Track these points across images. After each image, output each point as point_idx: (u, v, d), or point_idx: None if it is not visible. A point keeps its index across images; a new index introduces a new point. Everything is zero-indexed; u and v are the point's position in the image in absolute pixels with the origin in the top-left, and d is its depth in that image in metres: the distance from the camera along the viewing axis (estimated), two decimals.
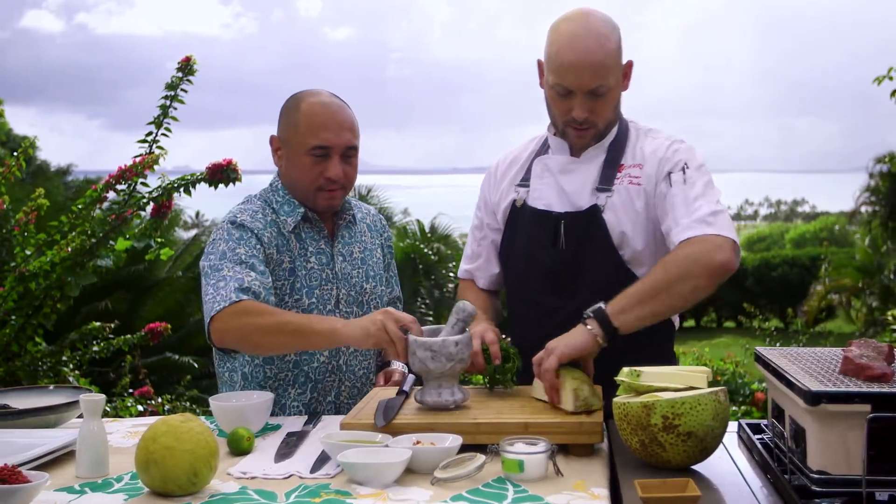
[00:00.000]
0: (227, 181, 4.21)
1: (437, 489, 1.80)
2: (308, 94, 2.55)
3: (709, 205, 2.33)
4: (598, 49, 2.38)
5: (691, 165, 2.42)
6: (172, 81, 4.31)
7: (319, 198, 2.53)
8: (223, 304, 2.30)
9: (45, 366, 4.49)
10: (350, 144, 2.51)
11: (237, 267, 2.38)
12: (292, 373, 2.53)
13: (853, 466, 1.61)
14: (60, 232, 4.22)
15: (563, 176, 2.52)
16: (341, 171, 2.50)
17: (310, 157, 2.49)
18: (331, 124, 2.49)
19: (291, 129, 2.52)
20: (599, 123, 2.45)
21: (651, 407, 1.81)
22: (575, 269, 2.46)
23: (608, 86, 2.40)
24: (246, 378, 2.54)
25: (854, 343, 1.78)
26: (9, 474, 1.67)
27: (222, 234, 2.48)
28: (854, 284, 17.51)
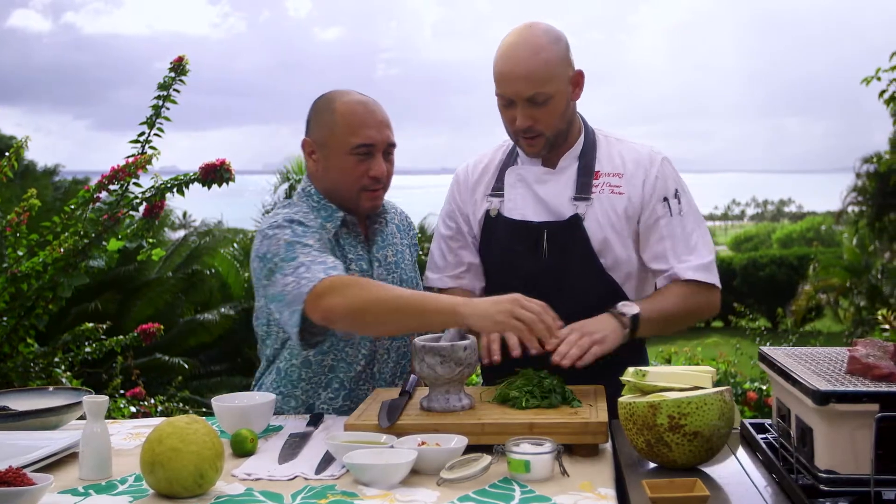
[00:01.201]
0: (220, 181, 4.20)
1: (443, 490, 1.80)
2: (340, 94, 2.47)
3: (706, 246, 2.53)
4: (532, 58, 2.40)
5: (680, 189, 2.55)
6: (165, 81, 4.30)
7: (363, 199, 2.45)
8: (312, 284, 2.16)
9: (37, 367, 4.47)
10: (391, 141, 2.45)
11: (314, 252, 2.26)
12: (326, 377, 2.47)
13: (861, 466, 1.61)
14: (53, 232, 4.20)
15: (540, 186, 2.54)
16: (384, 169, 2.44)
17: (353, 157, 2.41)
18: (371, 121, 2.42)
19: (328, 130, 2.43)
20: (546, 132, 2.46)
21: (657, 407, 1.82)
22: (556, 276, 2.50)
23: (547, 94, 2.41)
24: (279, 373, 2.49)
25: (860, 342, 1.78)
26: (14, 476, 1.66)
27: (281, 231, 2.32)
28: (842, 284, 17.60)
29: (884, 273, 16.83)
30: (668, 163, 2.56)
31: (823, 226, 32.37)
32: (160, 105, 4.28)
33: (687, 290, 2.47)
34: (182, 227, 20.75)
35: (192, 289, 11.22)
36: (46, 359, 4.53)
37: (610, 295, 2.46)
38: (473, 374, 2.19)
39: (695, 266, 2.47)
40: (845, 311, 18.04)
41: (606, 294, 2.47)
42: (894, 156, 12.26)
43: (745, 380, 7.52)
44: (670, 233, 2.49)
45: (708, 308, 2.53)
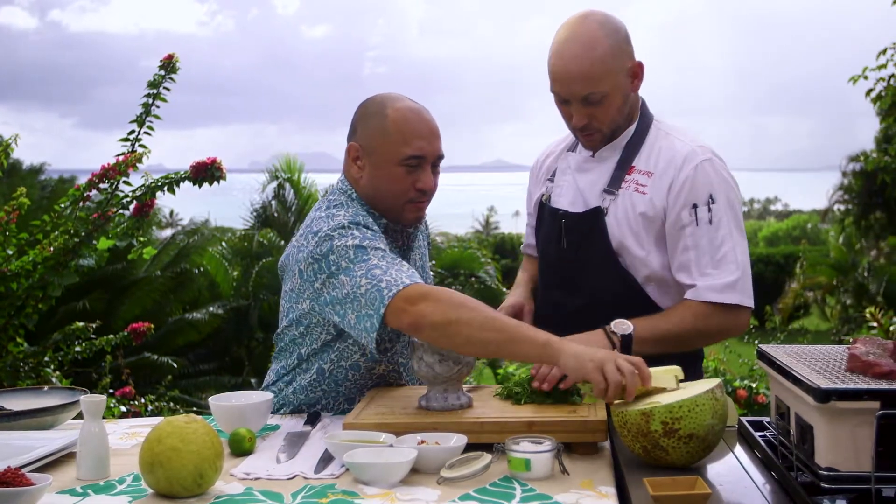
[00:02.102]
0: (211, 180, 4.19)
1: (444, 489, 1.79)
2: (392, 100, 2.37)
3: (736, 259, 2.34)
4: (585, 55, 2.33)
5: (718, 196, 2.37)
6: (155, 79, 4.28)
7: (408, 210, 2.36)
8: (399, 286, 2.08)
9: (27, 366, 4.45)
10: (441, 153, 2.36)
11: (388, 256, 2.17)
12: (356, 386, 2.40)
13: (862, 463, 1.61)
14: (42, 231, 4.18)
15: (580, 174, 2.53)
16: (432, 181, 2.35)
17: (402, 168, 2.31)
18: (425, 132, 2.32)
19: (379, 137, 2.32)
20: (604, 128, 2.43)
21: (649, 414, 1.81)
22: (575, 268, 2.49)
23: (602, 92, 2.35)
24: (322, 373, 2.37)
25: (859, 340, 1.79)
26: (12, 476, 1.65)
27: (347, 232, 2.20)
28: (828, 282, 17.69)
29: (870, 271, 16.92)
30: (710, 165, 2.38)
31: (809, 224, 32.53)
32: (150, 103, 4.26)
33: (703, 310, 2.34)
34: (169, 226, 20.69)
35: (180, 288, 11.18)
36: (36, 358, 4.51)
37: (630, 293, 2.41)
38: (471, 372, 2.19)
39: (717, 286, 2.33)
40: (832, 308, 18.13)
41: (626, 292, 2.41)
42: (881, 154, 12.31)
43: (735, 377, 7.55)
44: (695, 243, 2.35)
45: (733, 328, 2.39)
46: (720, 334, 2.41)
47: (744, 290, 2.35)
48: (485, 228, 38.53)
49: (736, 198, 2.42)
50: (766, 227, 37.74)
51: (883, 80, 10.51)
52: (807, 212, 39.45)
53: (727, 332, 2.41)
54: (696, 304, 2.35)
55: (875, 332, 6.86)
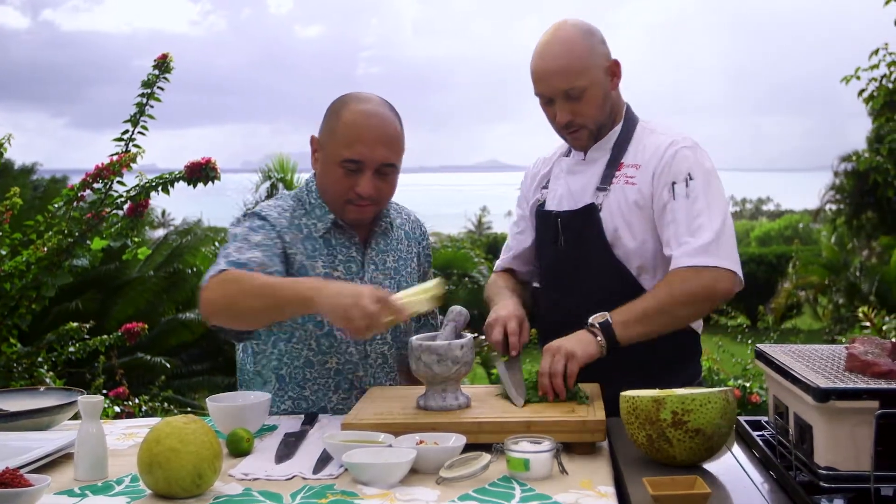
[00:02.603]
0: (206, 180, 4.18)
1: (443, 489, 1.79)
2: (354, 100, 2.43)
3: (711, 226, 2.37)
4: (564, 53, 2.46)
5: (696, 175, 2.44)
6: (149, 79, 4.27)
7: (348, 210, 2.43)
8: (209, 275, 2.21)
9: (20, 367, 4.44)
10: (385, 161, 2.38)
11: (243, 246, 2.30)
12: (334, 380, 2.45)
13: (861, 462, 1.62)
14: (36, 231, 4.17)
15: (571, 177, 2.60)
16: (372, 187, 2.38)
17: (342, 169, 2.38)
18: (367, 138, 2.36)
19: (329, 135, 2.41)
20: (588, 124, 2.51)
21: (661, 402, 1.82)
22: (573, 265, 2.53)
23: (582, 87, 2.45)
24: (282, 380, 2.45)
25: (857, 340, 1.80)
26: (11, 477, 1.64)
27: (243, 222, 2.41)
28: (821, 282, 17.72)
29: (862, 271, 16.94)
30: (690, 151, 2.47)
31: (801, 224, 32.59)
32: (144, 103, 4.25)
33: (678, 277, 2.35)
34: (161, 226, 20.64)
35: (173, 288, 11.14)
36: (30, 359, 4.49)
37: (625, 286, 2.46)
38: (470, 372, 2.19)
39: (690, 250, 2.35)
40: (824, 308, 18.16)
41: (621, 285, 2.46)
42: (873, 154, 12.33)
43: (729, 377, 7.56)
44: (674, 217, 2.41)
45: (712, 290, 2.34)
46: (703, 297, 2.35)
47: (718, 252, 2.35)
48: (477, 228, 38.54)
49: (714, 178, 2.47)
50: (757, 227, 37.80)
51: (875, 81, 10.54)
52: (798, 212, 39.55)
53: (709, 295, 2.35)
54: (674, 273, 2.37)
55: (868, 331, 6.88)
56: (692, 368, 2.60)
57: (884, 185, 12.02)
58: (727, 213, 2.46)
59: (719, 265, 2.34)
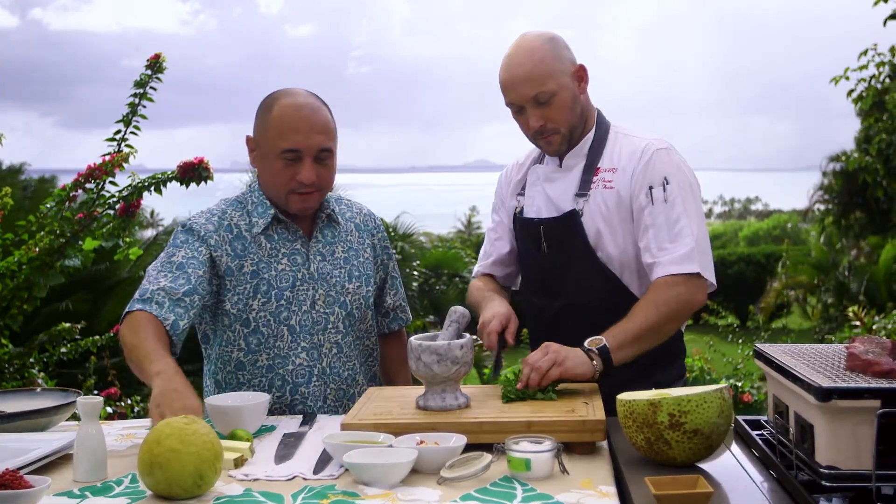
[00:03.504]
0: (198, 180, 4.17)
1: (445, 489, 1.79)
2: (282, 95, 2.51)
3: (691, 232, 2.42)
4: (527, 60, 2.49)
5: (672, 178, 2.48)
6: (141, 79, 4.26)
7: (292, 201, 2.50)
8: (128, 308, 2.33)
9: (12, 368, 4.41)
10: (322, 147, 2.47)
11: (161, 273, 2.38)
12: (266, 377, 2.51)
13: (863, 461, 1.62)
14: (28, 231, 4.15)
15: (549, 184, 2.62)
16: (314, 173, 2.47)
17: (281, 161, 2.46)
18: (302, 127, 2.45)
19: (263, 131, 2.49)
20: (561, 128, 2.54)
21: (657, 405, 1.82)
22: (558, 271, 2.56)
23: (550, 91, 2.48)
24: (219, 385, 2.54)
25: (857, 339, 1.80)
26: (11, 479, 1.63)
27: (172, 236, 2.50)
28: (810, 281, 17.78)
29: (850, 270, 17.03)
30: (666, 153, 2.51)
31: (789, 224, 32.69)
32: (137, 103, 4.24)
33: (662, 294, 2.39)
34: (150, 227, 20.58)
35: None
36: (21, 359, 4.47)
37: (610, 288, 2.51)
38: (469, 372, 2.19)
39: (675, 258, 2.40)
40: (813, 307, 18.23)
41: (607, 287, 2.51)
42: (862, 155, 12.39)
43: (721, 377, 7.57)
44: (653, 222, 2.45)
45: (694, 304, 2.44)
46: (687, 308, 2.42)
47: (700, 260, 2.41)
48: (467, 228, 38.52)
49: (691, 181, 2.52)
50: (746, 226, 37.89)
51: (864, 81, 10.59)
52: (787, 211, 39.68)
53: (689, 310, 2.44)
54: (658, 288, 2.40)
55: (858, 330, 6.90)
56: (678, 365, 2.64)
57: (873, 185, 12.08)
58: (702, 216, 2.52)
59: (700, 272, 2.41)
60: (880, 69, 10.44)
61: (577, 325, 2.40)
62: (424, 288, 15.10)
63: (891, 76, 10.60)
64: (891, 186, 12.08)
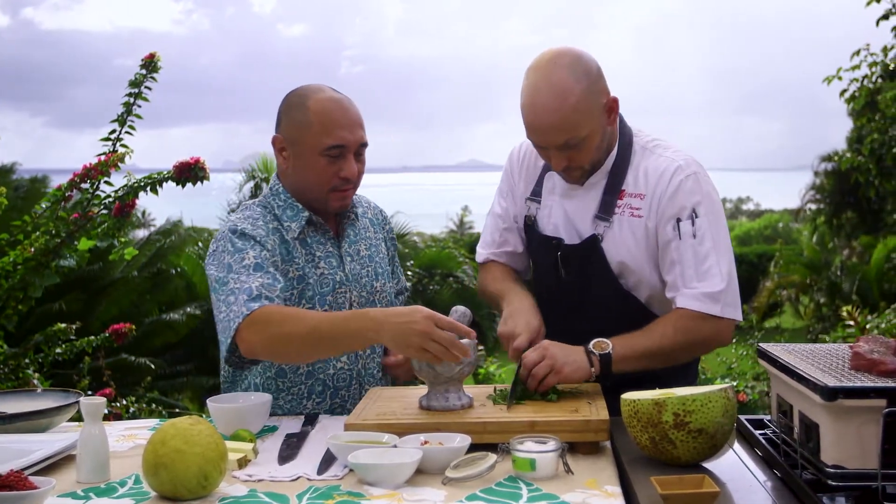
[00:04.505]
0: (194, 180, 4.15)
1: (450, 489, 1.79)
2: (314, 91, 2.42)
3: (720, 271, 2.33)
4: (559, 108, 2.26)
5: (701, 210, 2.35)
6: (136, 78, 4.24)
7: (332, 199, 2.42)
8: (238, 321, 2.19)
9: (7, 368, 4.39)
10: (363, 141, 2.42)
11: (243, 276, 2.26)
12: (306, 384, 2.46)
13: (868, 461, 1.63)
14: (23, 231, 4.14)
15: (567, 201, 2.48)
16: (356, 170, 2.41)
17: (324, 158, 2.37)
18: (345, 122, 2.38)
19: (301, 129, 2.38)
20: (584, 165, 2.38)
21: (662, 404, 1.82)
22: (576, 295, 2.47)
23: (579, 137, 2.29)
24: (257, 388, 2.47)
25: (861, 339, 1.80)
26: (16, 480, 1.63)
27: (225, 244, 2.34)
28: (802, 281, 17.82)
29: (843, 270, 17.07)
30: (694, 180, 2.36)
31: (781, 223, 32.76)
32: (132, 102, 4.22)
33: (686, 322, 2.31)
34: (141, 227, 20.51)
35: (157, 288, 11.09)
36: (16, 360, 4.45)
37: (633, 312, 2.42)
38: (473, 372, 2.19)
39: (699, 295, 2.31)
40: (805, 307, 18.27)
41: (629, 311, 2.42)
42: (854, 155, 12.43)
43: (716, 377, 7.58)
44: (680, 257, 2.34)
45: (715, 340, 2.36)
46: (703, 346, 2.39)
47: (727, 301, 2.33)
48: (459, 228, 38.50)
49: (719, 211, 2.42)
50: (738, 226, 37.96)
51: (857, 81, 10.62)
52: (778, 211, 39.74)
53: (710, 344, 2.38)
54: (679, 316, 2.33)
55: (852, 330, 6.91)
56: (691, 372, 2.60)
57: (865, 184, 12.11)
58: (730, 247, 2.41)
59: (724, 315, 2.33)
60: (873, 69, 10.47)
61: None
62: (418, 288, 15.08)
63: (883, 76, 10.64)
64: (883, 186, 12.12)
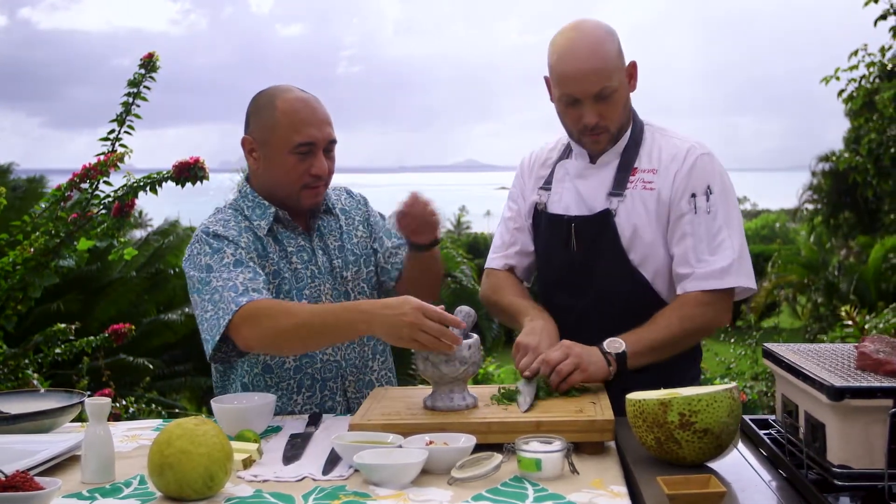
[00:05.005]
0: (194, 180, 4.15)
1: (456, 489, 1.79)
2: (280, 91, 2.46)
3: (732, 245, 2.40)
4: (595, 53, 2.40)
5: (715, 187, 2.44)
6: (135, 78, 4.24)
7: (304, 196, 2.45)
8: (227, 317, 2.22)
9: (7, 369, 4.39)
10: (332, 138, 2.45)
11: (225, 273, 2.30)
12: (294, 379, 2.47)
13: (875, 460, 1.63)
14: (23, 232, 4.13)
15: (580, 181, 2.54)
16: (325, 166, 2.44)
17: (294, 156, 2.40)
18: (313, 119, 2.42)
19: (269, 128, 2.42)
20: (612, 127, 2.46)
21: (668, 404, 1.82)
22: (586, 271, 2.50)
23: (612, 87, 2.41)
24: (246, 388, 2.48)
25: (867, 339, 1.80)
26: (22, 480, 1.62)
27: (201, 247, 2.38)
28: (799, 281, 17.84)
29: (840, 270, 17.10)
30: (709, 159, 2.46)
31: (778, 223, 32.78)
32: (131, 102, 4.21)
33: (686, 310, 2.38)
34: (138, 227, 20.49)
35: (155, 288, 11.08)
36: (16, 360, 4.45)
37: (640, 291, 2.46)
38: (477, 372, 2.18)
39: (711, 272, 2.38)
40: (803, 307, 18.29)
41: (636, 290, 2.46)
42: (852, 155, 12.45)
43: (715, 377, 7.59)
44: (693, 231, 2.41)
45: (715, 322, 2.44)
46: (706, 331, 2.45)
47: (740, 271, 2.40)
48: (456, 228, 38.52)
49: (731, 190, 2.50)
50: None
51: (854, 81, 10.64)
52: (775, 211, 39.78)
53: (711, 328, 2.46)
54: (682, 304, 2.39)
55: (850, 330, 6.91)
56: (694, 370, 2.62)
57: (863, 184, 12.13)
58: (742, 226, 2.48)
59: (738, 285, 2.40)
60: (870, 69, 10.50)
61: (601, 326, 2.37)
62: None
63: (881, 76, 10.66)
64: (880, 186, 12.14)
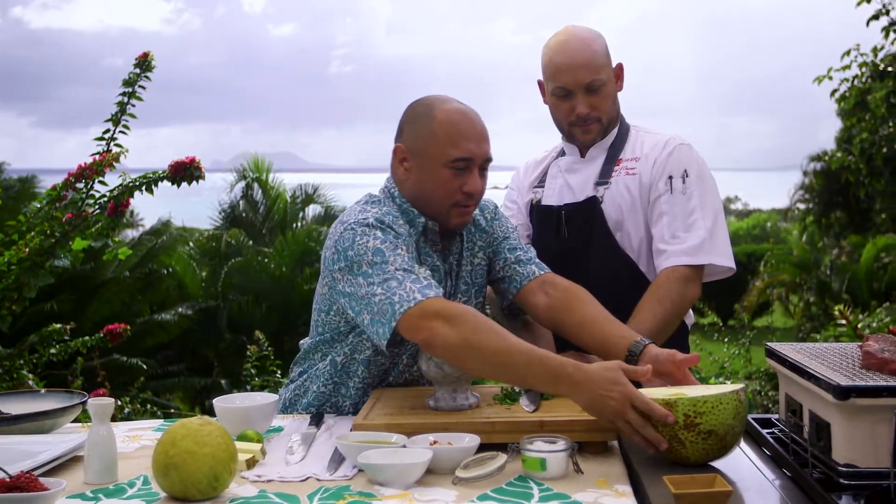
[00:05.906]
0: (190, 179, 4.14)
1: (461, 489, 1.78)
2: (440, 101, 2.34)
3: (703, 225, 2.58)
4: (586, 49, 2.67)
5: (692, 172, 2.65)
6: (130, 77, 4.22)
7: (454, 214, 2.32)
8: (408, 304, 2.05)
9: (1, 369, 4.38)
10: (489, 156, 2.32)
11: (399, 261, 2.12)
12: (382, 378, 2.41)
13: (880, 459, 1.63)
14: (18, 232, 4.12)
15: (570, 175, 2.77)
16: (480, 185, 2.31)
17: (449, 170, 2.27)
18: (472, 134, 2.29)
19: (425, 139, 2.29)
20: (602, 117, 2.71)
21: (673, 405, 1.82)
22: (577, 256, 2.67)
23: (602, 80, 2.67)
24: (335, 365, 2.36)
25: (871, 338, 1.81)
26: (26, 481, 1.62)
27: (371, 232, 2.18)
28: (792, 280, 17.85)
29: (832, 269, 17.13)
30: (688, 149, 2.69)
31: (769, 223, 32.85)
32: (126, 102, 4.20)
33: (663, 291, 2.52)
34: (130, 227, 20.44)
35: (148, 288, 11.06)
36: (10, 360, 4.44)
37: (628, 273, 2.64)
38: None
39: (686, 248, 2.55)
40: (795, 306, 18.31)
41: (625, 272, 2.66)
42: (844, 154, 12.50)
43: (710, 376, 7.59)
44: (669, 210, 2.61)
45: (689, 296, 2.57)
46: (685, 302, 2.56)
47: (713, 250, 2.57)
48: None
49: (708, 177, 2.69)
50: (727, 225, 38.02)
51: (847, 81, 10.69)
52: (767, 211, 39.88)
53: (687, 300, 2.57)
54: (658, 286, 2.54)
55: (843, 329, 6.93)
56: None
57: (855, 184, 12.17)
58: (720, 210, 2.65)
59: (711, 262, 2.57)
60: (863, 69, 10.54)
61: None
62: None
63: (873, 76, 10.70)
64: (872, 185, 12.19)
